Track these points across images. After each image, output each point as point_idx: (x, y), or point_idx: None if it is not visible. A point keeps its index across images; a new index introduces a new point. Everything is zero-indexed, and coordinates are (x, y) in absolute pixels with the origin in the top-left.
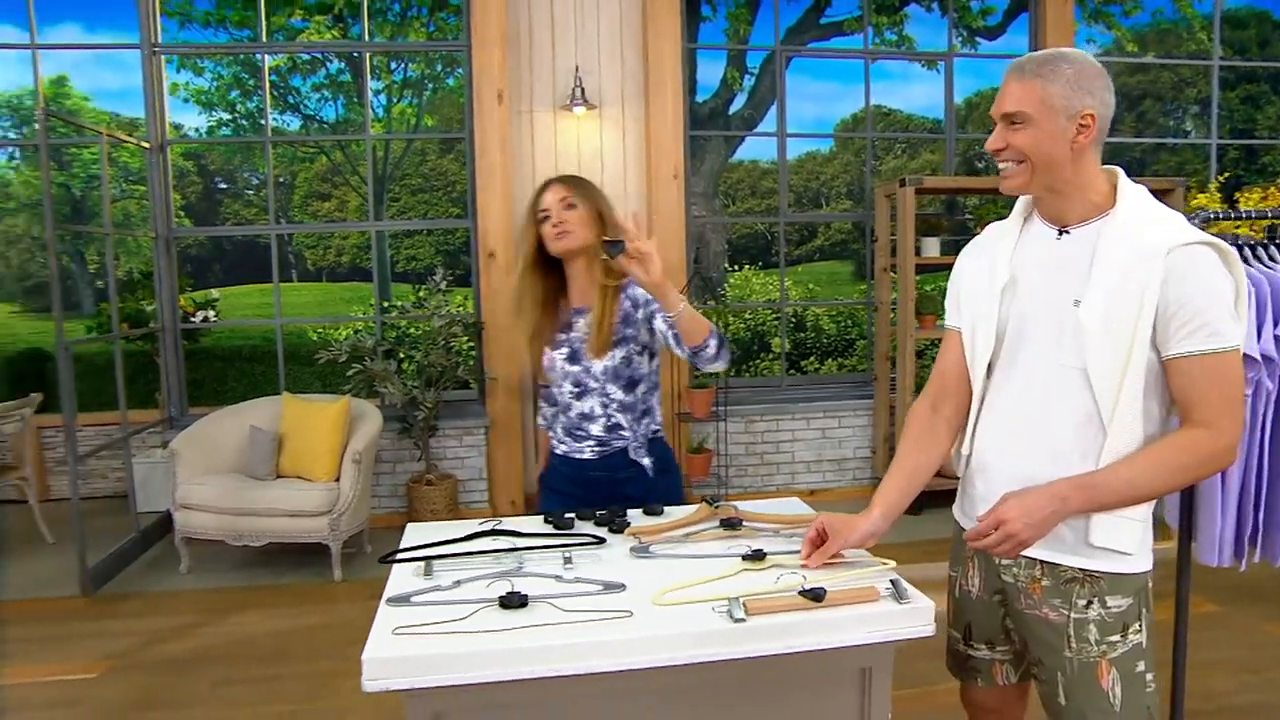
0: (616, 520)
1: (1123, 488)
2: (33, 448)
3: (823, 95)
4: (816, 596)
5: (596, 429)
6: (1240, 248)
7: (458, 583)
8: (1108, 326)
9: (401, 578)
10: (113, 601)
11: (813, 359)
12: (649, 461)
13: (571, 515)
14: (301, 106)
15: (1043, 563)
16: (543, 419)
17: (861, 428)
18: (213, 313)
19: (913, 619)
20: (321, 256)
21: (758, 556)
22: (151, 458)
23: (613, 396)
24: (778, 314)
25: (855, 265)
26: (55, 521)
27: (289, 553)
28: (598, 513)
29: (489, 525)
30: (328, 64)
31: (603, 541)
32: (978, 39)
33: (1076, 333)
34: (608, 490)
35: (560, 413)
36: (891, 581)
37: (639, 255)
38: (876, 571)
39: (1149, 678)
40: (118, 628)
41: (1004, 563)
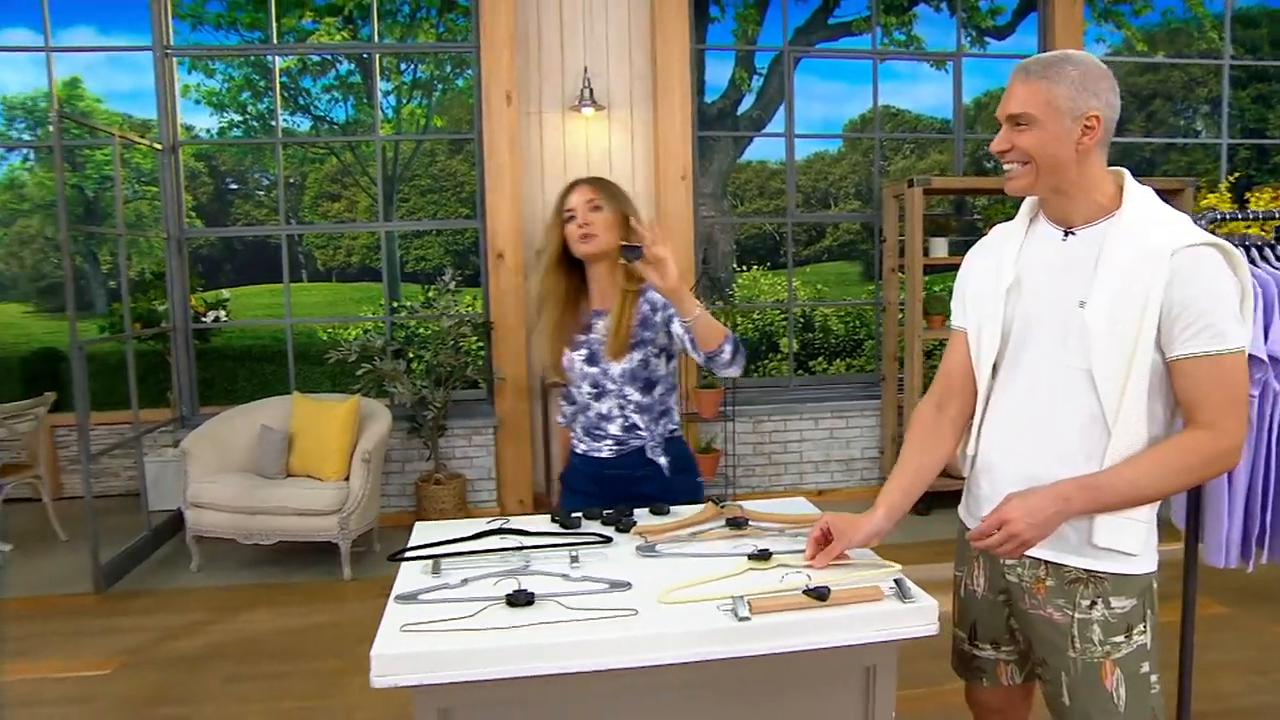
0: (623, 519)
1: (1126, 489)
2: (46, 446)
3: (831, 95)
4: (821, 596)
5: (614, 429)
6: (1248, 248)
7: (465, 581)
8: (1112, 328)
9: (410, 576)
10: (125, 599)
11: (821, 359)
12: (665, 461)
13: (578, 514)
14: (312, 108)
15: (1047, 563)
16: (562, 417)
17: (869, 428)
18: (224, 313)
19: (916, 618)
20: (331, 257)
21: (763, 556)
22: (163, 456)
23: (630, 398)
24: (786, 314)
25: (864, 266)
26: (68, 519)
27: (299, 551)
28: (604, 512)
29: (496, 524)
30: (338, 65)
31: (609, 540)
32: (987, 39)
33: (1081, 334)
34: (625, 489)
35: (579, 412)
36: (895, 581)
37: (656, 261)
38: (881, 572)
39: (1154, 679)
40: (130, 625)
41: (1008, 563)
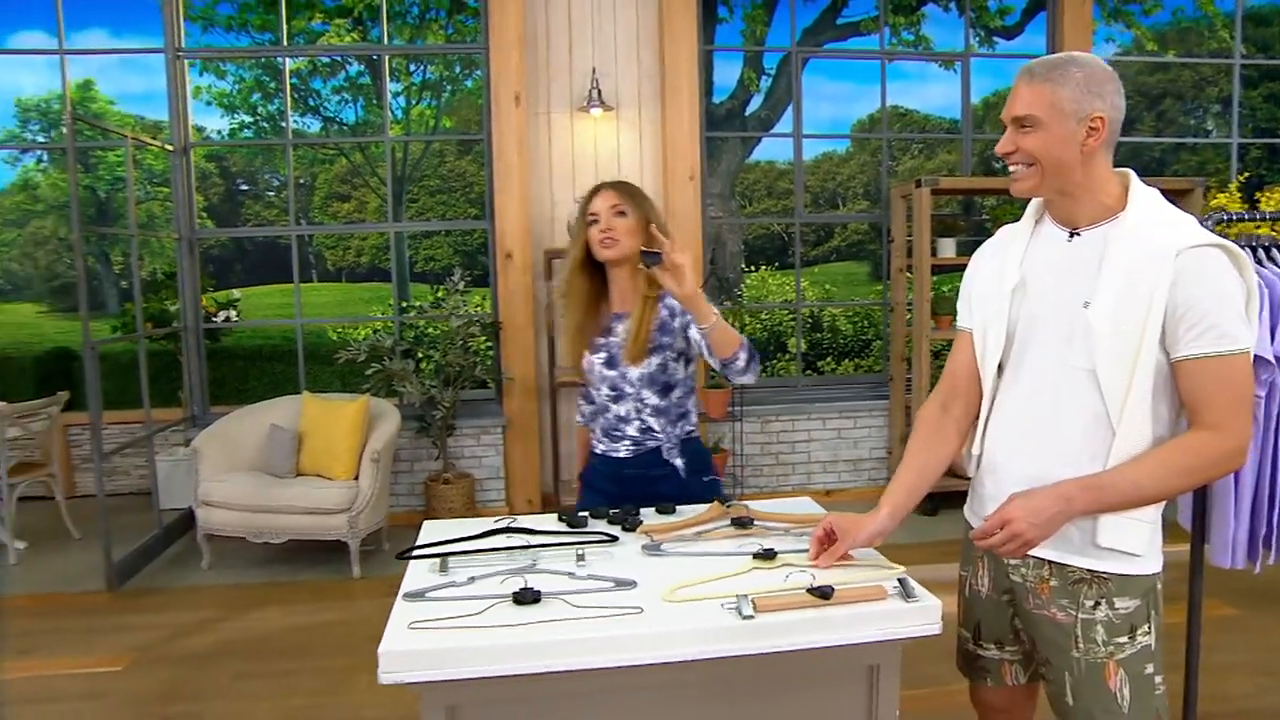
0: (629, 519)
1: (1129, 489)
2: (59, 445)
3: (839, 96)
4: (824, 594)
5: (631, 430)
6: (1255, 249)
7: (472, 579)
8: (1117, 328)
9: (418, 574)
10: (137, 596)
11: (829, 359)
12: (681, 462)
13: (585, 513)
14: (322, 109)
15: (1051, 563)
16: (580, 416)
17: (877, 428)
18: (234, 313)
19: (920, 617)
20: (341, 257)
21: (768, 555)
22: (174, 455)
23: (647, 402)
24: (794, 314)
25: (872, 266)
26: (81, 518)
27: (308, 550)
28: (611, 511)
29: (503, 523)
30: (347, 67)
31: (615, 539)
32: (996, 38)
33: (1086, 334)
34: (642, 488)
35: (598, 413)
36: (899, 580)
37: (674, 268)
38: (885, 572)
39: (1158, 680)
40: (141, 622)
41: (1012, 563)
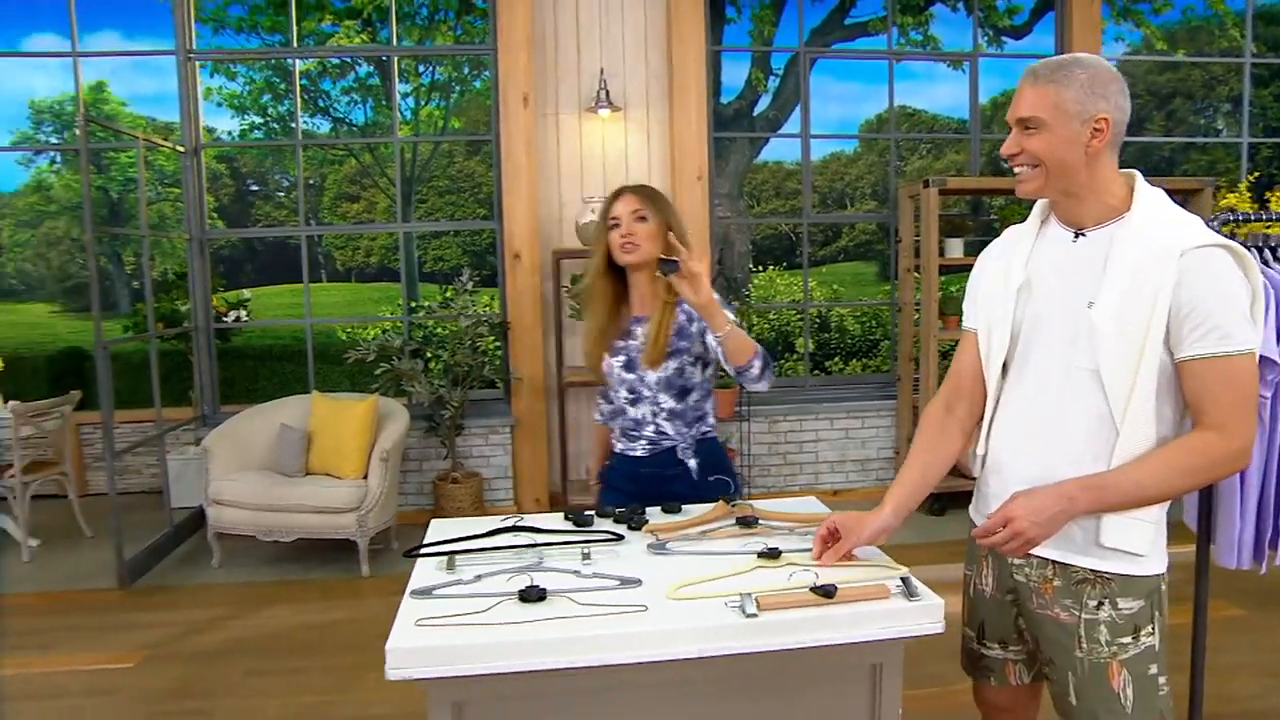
0: (635, 517)
1: (1131, 489)
2: (72, 444)
3: (847, 96)
4: (828, 593)
5: (648, 431)
6: (1260, 249)
7: (479, 577)
8: (1121, 328)
9: (425, 572)
10: (148, 594)
11: (837, 359)
12: (695, 463)
13: (591, 512)
14: (331, 110)
15: (1055, 563)
16: (599, 415)
17: (885, 428)
18: (244, 312)
19: (923, 616)
20: (350, 257)
21: (772, 554)
22: (185, 454)
23: (663, 405)
24: (801, 314)
25: (880, 266)
26: (93, 516)
27: (318, 548)
28: (617, 510)
29: (510, 522)
30: (357, 68)
31: (621, 538)
32: (1004, 38)
33: (1090, 334)
34: (658, 487)
35: (616, 414)
36: (902, 579)
37: (691, 276)
38: (888, 571)
39: (1161, 680)
40: (153, 619)
41: (1016, 562)
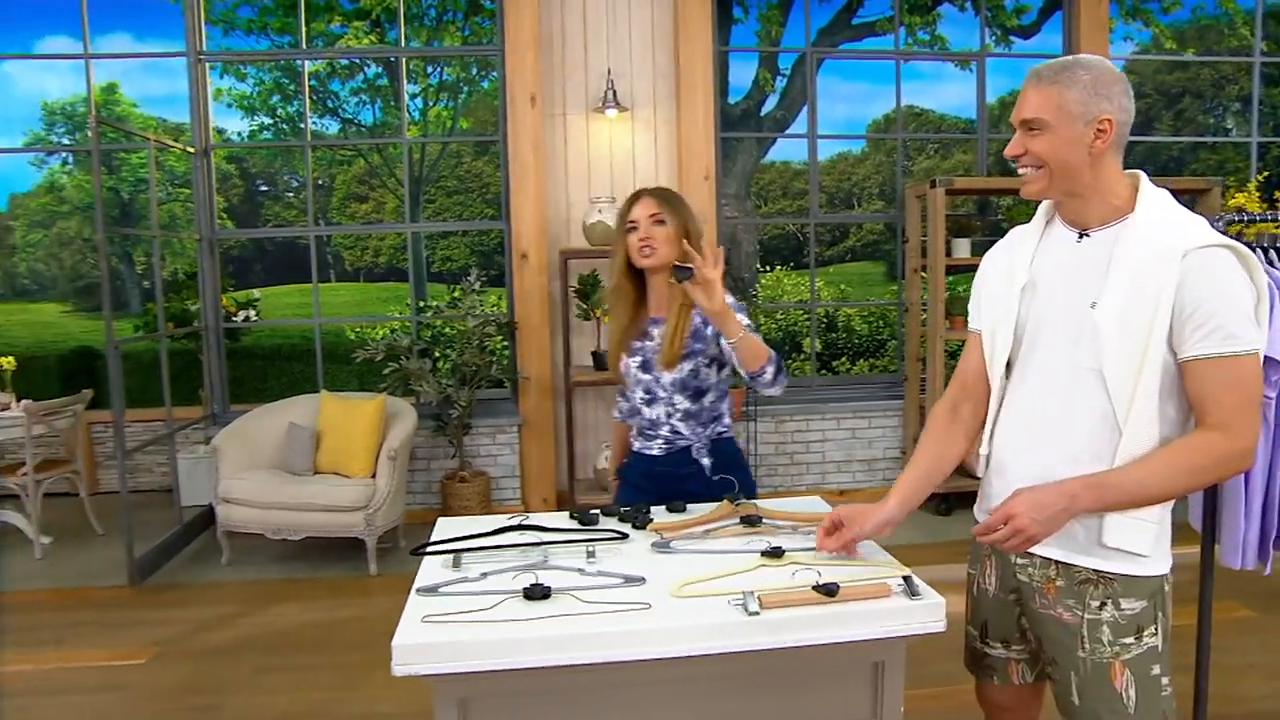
0: (640, 516)
1: (1133, 488)
2: (83, 442)
3: (855, 96)
4: (830, 592)
5: (664, 430)
6: (1266, 250)
7: (484, 575)
8: (1124, 329)
9: (431, 569)
10: (158, 591)
11: (844, 359)
12: (708, 462)
13: (596, 511)
14: (340, 110)
15: (1058, 563)
16: (618, 412)
17: (892, 428)
18: (254, 312)
19: (924, 615)
20: (359, 257)
21: (776, 553)
22: (195, 453)
23: (678, 406)
24: (809, 314)
25: (887, 266)
26: (104, 514)
27: (326, 547)
28: (622, 509)
29: (516, 520)
30: (365, 69)
31: (625, 537)
32: (1012, 38)
33: (1093, 335)
34: (672, 485)
35: (633, 413)
36: (904, 578)
37: (704, 283)
38: (890, 570)
39: (1164, 681)
40: (162, 616)
41: (1019, 562)
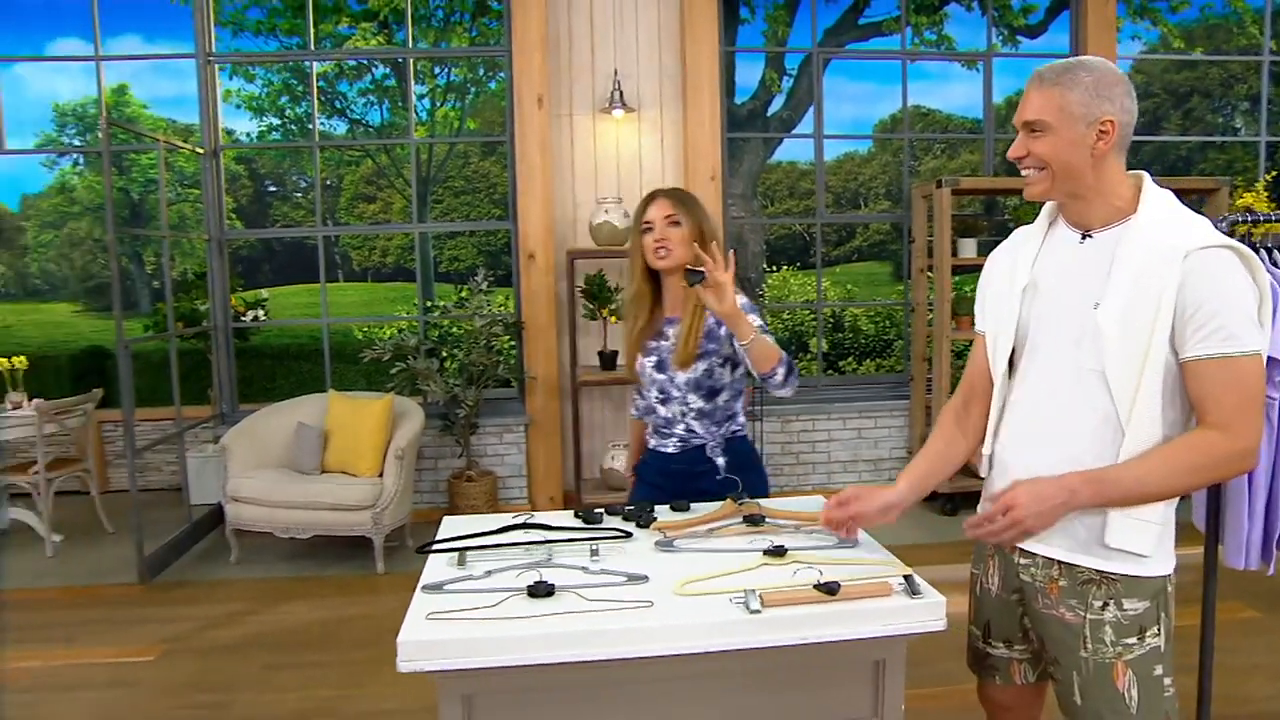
0: (644, 515)
1: (1133, 484)
2: (94, 441)
3: (861, 96)
4: (831, 590)
5: (679, 429)
6: (1270, 250)
7: (489, 572)
8: (1125, 330)
9: (436, 567)
10: (168, 589)
11: (851, 359)
12: (722, 461)
13: (600, 510)
14: (348, 111)
15: (1060, 563)
16: (635, 410)
17: (898, 428)
18: (262, 312)
19: (924, 614)
20: (367, 257)
21: (778, 552)
22: (204, 452)
23: (692, 405)
24: (815, 314)
25: (894, 266)
26: (114, 512)
27: (334, 545)
28: (626, 508)
29: (521, 519)
30: (373, 69)
31: (629, 535)
32: (1019, 37)
33: (1095, 336)
34: (687, 483)
35: (648, 412)
36: (905, 577)
37: (715, 286)
38: (891, 569)
39: (1167, 682)
40: (172, 614)
41: (1022, 562)
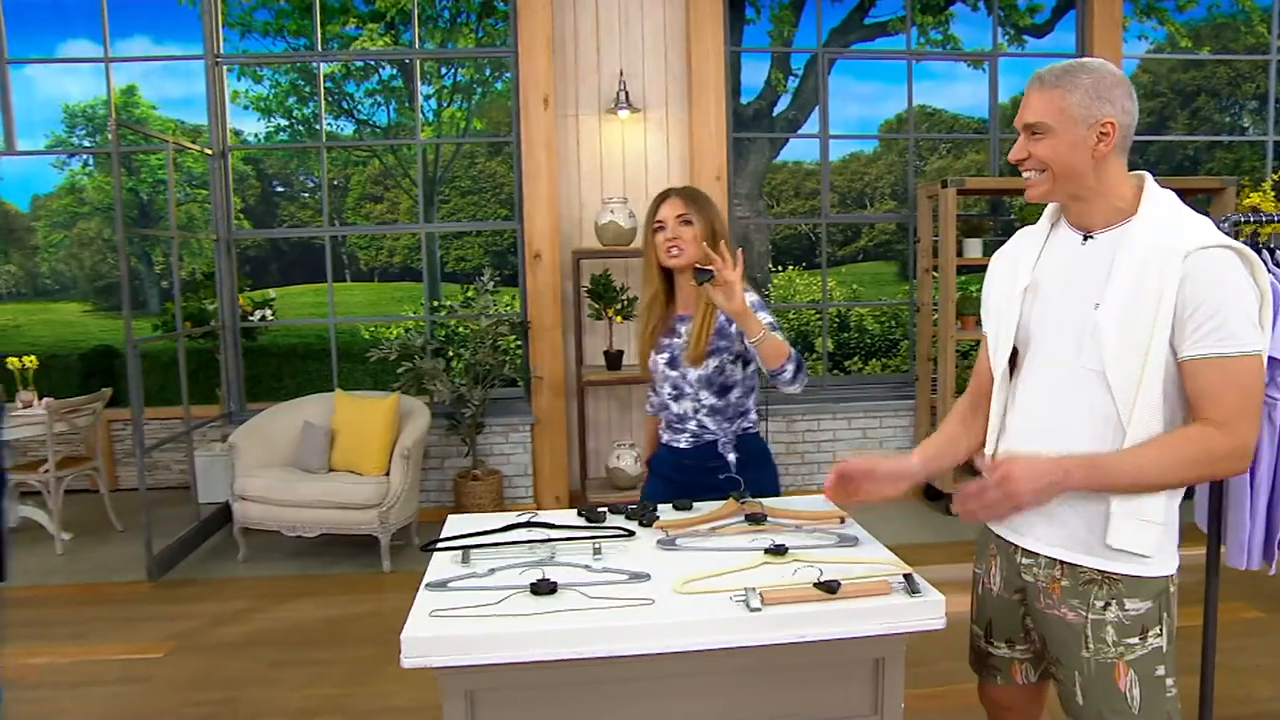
0: (646, 514)
1: (1129, 471)
2: (103, 440)
3: (867, 96)
4: (830, 588)
5: (691, 425)
6: (1274, 251)
7: (493, 570)
8: (1125, 330)
9: (441, 565)
10: (176, 587)
11: (856, 359)
12: (733, 457)
13: (604, 509)
14: (355, 112)
15: (1062, 563)
16: (650, 406)
17: (903, 428)
18: (270, 312)
19: (924, 613)
20: (374, 257)
21: (779, 550)
22: (212, 451)
23: (704, 402)
24: (820, 314)
25: (899, 266)
26: (123, 510)
27: (340, 544)
28: (629, 507)
29: (525, 517)
30: (380, 70)
31: (632, 534)
32: (1025, 37)
33: (1095, 336)
34: (699, 478)
35: (661, 408)
36: (905, 576)
37: (724, 284)
38: (890, 568)
39: (1169, 682)
40: (180, 611)
41: (1024, 562)
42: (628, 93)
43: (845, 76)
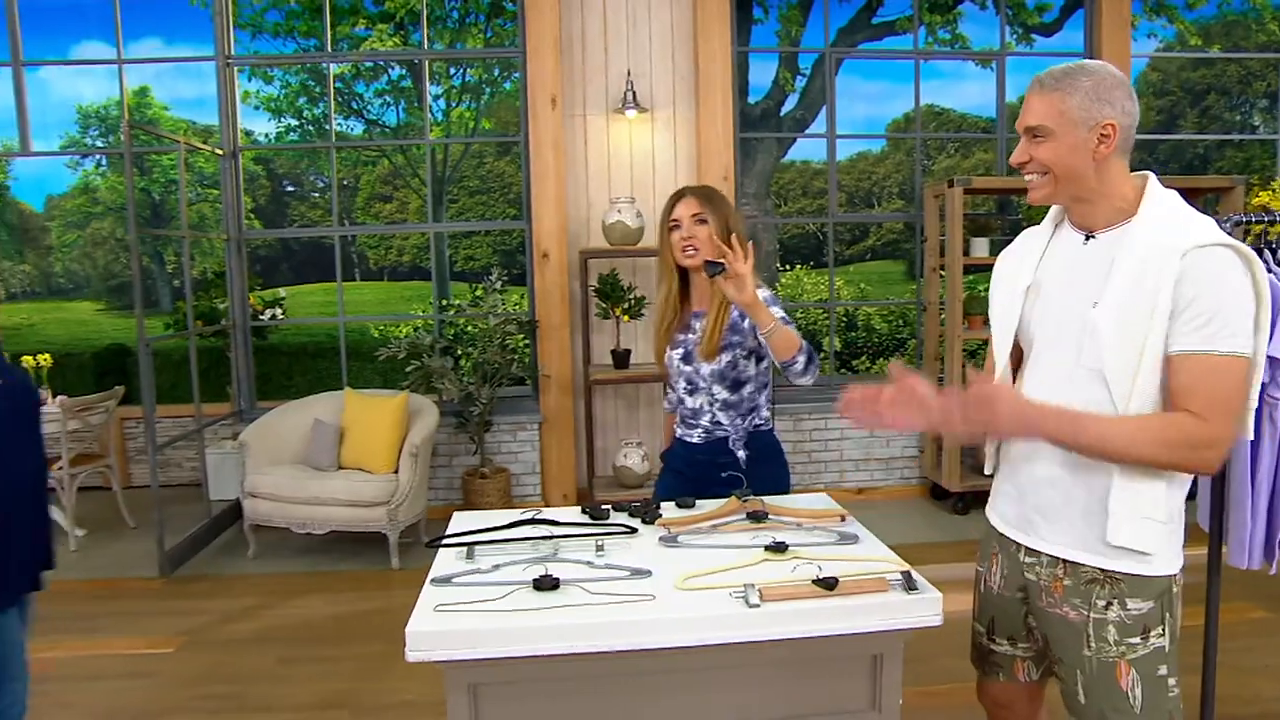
0: (649, 511)
1: (1096, 435)
2: (116, 437)
3: (874, 95)
4: (829, 585)
5: (705, 420)
6: (1276, 251)
7: (496, 566)
8: (1122, 328)
9: (446, 560)
10: (187, 583)
11: (864, 358)
12: (744, 454)
13: (607, 506)
14: (364, 112)
15: (1064, 561)
16: (668, 403)
17: None
18: (280, 311)
19: (920, 609)
20: (383, 256)
21: (779, 548)
22: (223, 448)
23: (717, 396)
24: (828, 313)
25: (907, 265)
26: (136, 507)
27: (349, 541)
28: (632, 504)
29: (529, 515)
30: (389, 70)
31: (634, 531)
32: (1034, 36)
33: (1094, 334)
34: (710, 473)
35: (678, 403)
36: (903, 574)
37: (735, 277)
38: (889, 566)
39: (1171, 682)
40: (191, 607)
41: (1027, 560)
42: (635, 93)
43: (852, 76)
